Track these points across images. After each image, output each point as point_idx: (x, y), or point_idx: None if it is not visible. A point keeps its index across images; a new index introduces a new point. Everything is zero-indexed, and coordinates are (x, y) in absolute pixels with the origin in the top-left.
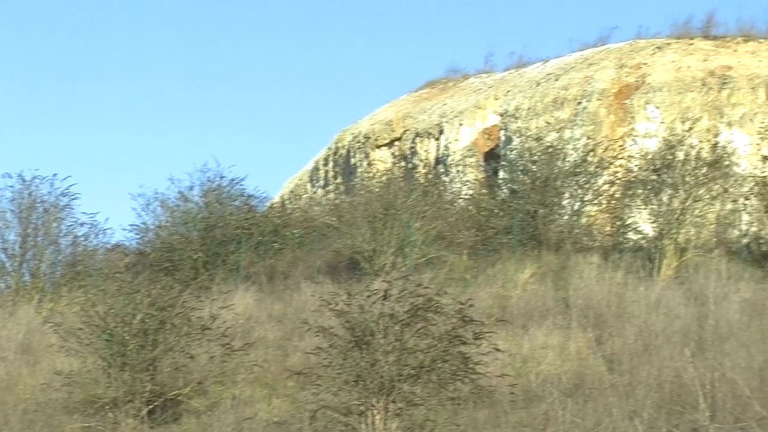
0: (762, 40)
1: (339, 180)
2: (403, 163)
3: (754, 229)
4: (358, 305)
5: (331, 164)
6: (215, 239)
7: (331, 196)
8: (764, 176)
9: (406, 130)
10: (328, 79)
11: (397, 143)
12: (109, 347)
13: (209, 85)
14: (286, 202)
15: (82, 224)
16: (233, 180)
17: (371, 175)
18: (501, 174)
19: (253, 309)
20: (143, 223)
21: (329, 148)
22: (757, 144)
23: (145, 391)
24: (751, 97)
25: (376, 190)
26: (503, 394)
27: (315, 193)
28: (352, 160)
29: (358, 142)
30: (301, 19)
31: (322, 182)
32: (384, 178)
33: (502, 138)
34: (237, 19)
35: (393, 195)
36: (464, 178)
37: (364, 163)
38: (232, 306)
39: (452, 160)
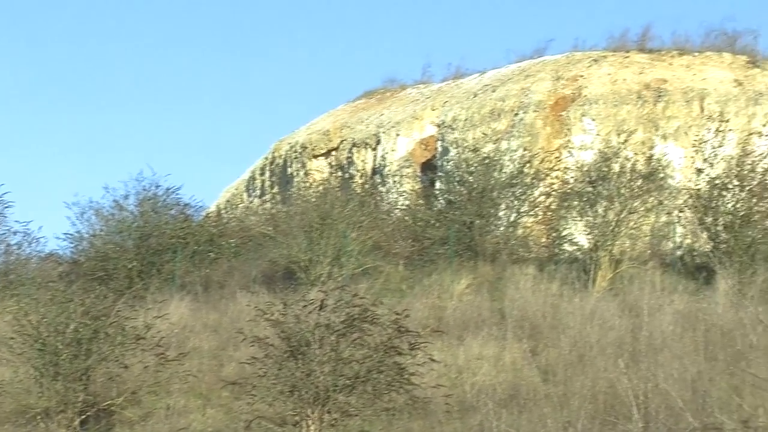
0: (697, 54)
1: (276, 190)
2: (340, 173)
3: (687, 241)
4: (293, 315)
5: (267, 174)
6: (150, 248)
7: (268, 205)
8: (698, 189)
9: (343, 140)
10: (266, 89)
11: (334, 153)
12: (42, 357)
13: (146, 93)
14: (223, 211)
15: (15, 233)
16: (169, 189)
17: (308, 184)
18: (438, 185)
19: (188, 318)
20: (77, 232)
21: (266, 158)
22: (692, 157)
23: (77, 401)
24: (686, 111)
25: (313, 199)
26: (438, 405)
27: (251, 202)
28: (289, 170)
29: (295, 151)
30: (240, 27)
31: (258, 192)
32: (321, 188)
33: (439, 149)
34: (176, 26)
35: (330, 205)
36: (401, 189)
37: (301, 173)
38: (166, 315)
39: (389, 170)
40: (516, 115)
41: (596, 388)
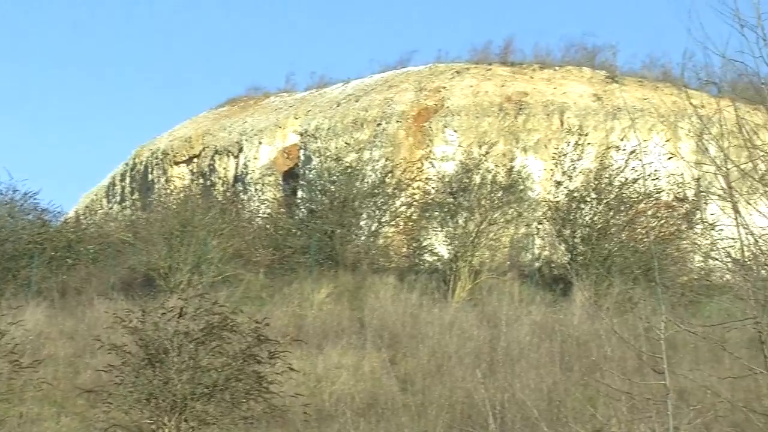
0: (557, 68)
1: (136, 196)
2: (201, 181)
3: (546, 253)
4: (152, 323)
5: (128, 180)
6: (6, 253)
7: (128, 212)
8: (557, 201)
9: (205, 147)
10: (128, 95)
11: (195, 160)
12: None
13: (4, 96)
14: (82, 217)
15: None
16: (26, 194)
17: (169, 191)
18: (300, 193)
19: (44, 325)
20: None
21: (126, 164)
22: (551, 169)
23: None
24: (546, 124)
25: (174, 206)
26: (296, 414)
27: (111, 208)
28: (150, 177)
29: (157, 158)
30: (103, 31)
31: (118, 198)
32: (182, 194)
33: (302, 157)
34: (35, 27)
35: (190, 212)
36: (263, 197)
37: (162, 180)
38: (21, 322)
39: (251, 178)
40: (379, 125)
41: (454, 398)
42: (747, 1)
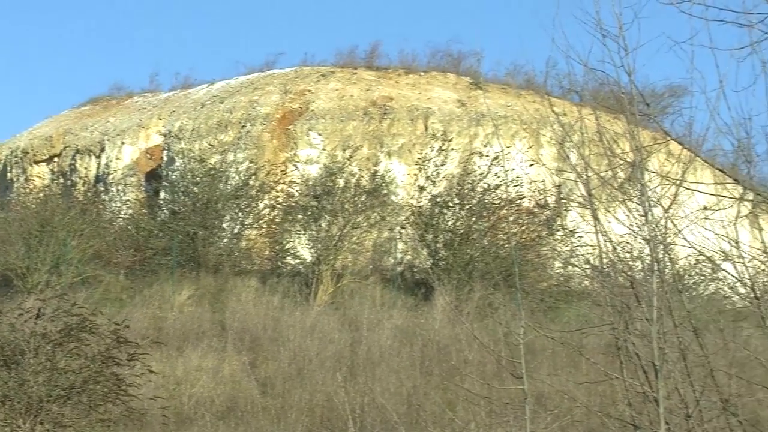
0: (422, 74)
1: None
2: (62, 180)
3: (408, 257)
4: (8, 324)
5: None
6: None
7: None
8: (420, 206)
9: (66, 147)
10: None
11: (56, 159)
12: None
13: None
14: None
15: None
16: None
17: (28, 191)
18: (162, 194)
19: None
20: None
21: None
22: (415, 174)
23: None
24: (411, 129)
25: (33, 206)
26: (155, 417)
27: None
28: (9, 175)
29: (16, 156)
30: None
31: None
32: (41, 194)
33: (165, 158)
34: None
35: (50, 212)
36: (124, 198)
37: (22, 179)
38: None
39: (113, 178)
40: (243, 127)
41: (314, 402)
42: (609, 12)
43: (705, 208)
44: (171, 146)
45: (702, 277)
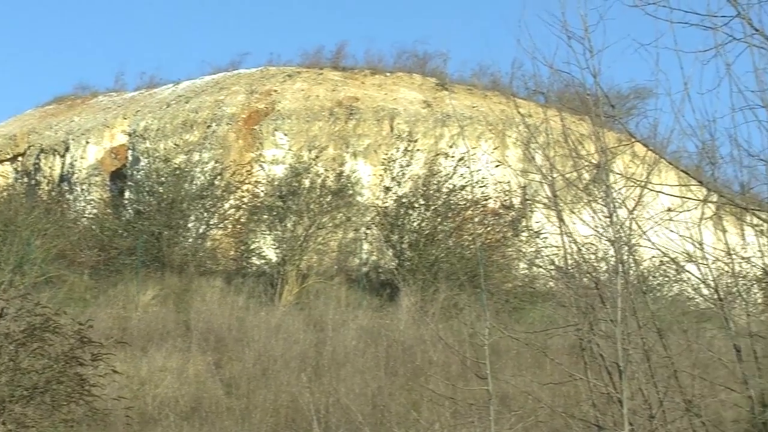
0: (389, 74)
1: None
2: (26, 180)
3: (374, 258)
4: None
5: None
6: None
7: None
8: (385, 207)
9: (30, 146)
10: None
11: (20, 159)
12: None
13: None
14: None
15: None
16: None
17: None
18: (127, 194)
19: None
20: None
21: None
22: (380, 175)
23: None
24: (376, 129)
25: None
26: (119, 417)
27: None
28: None
29: None
30: None
31: None
32: (5, 193)
33: (130, 158)
34: None
35: (14, 211)
36: (89, 197)
37: None
38: None
39: (77, 178)
40: (209, 127)
41: (278, 402)
42: (574, 14)
43: (669, 210)
44: (136, 146)
45: (666, 279)
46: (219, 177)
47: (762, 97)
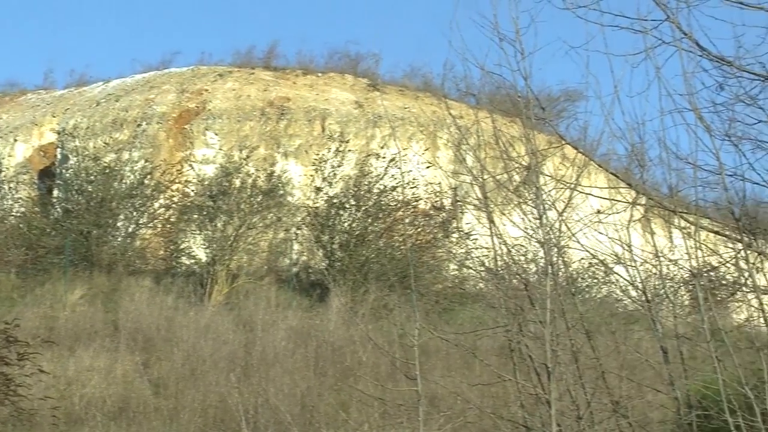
0: (320, 75)
1: None
2: None
3: (304, 258)
4: None
5: None
6: None
7: None
8: (316, 207)
9: None
10: None
11: None
12: None
13: None
14: None
15: None
16: None
17: None
18: (56, 193)
19: None
20: None
21: None
22: (311, 175)
23: None
24: (308, 129)
25: None
26: (45, 417)
27: None
28: None
29: None
30: None
31: None
32: None
33: (59, 156)
34: None
35: None
36: (17, 195)
37: None
38: None
39: (5, 176)
40: (139, 125)
41: (207, 402)
42: (506, 16)
43: (598, 212)
44: (65, 144)
45: (595, 280)
46: (149, 176)
47: (690, 101)
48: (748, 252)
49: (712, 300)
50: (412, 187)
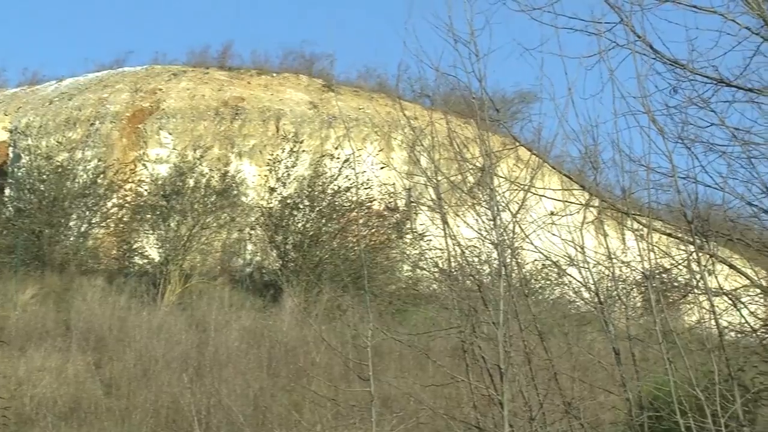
0: (275, 75)
1: None
2: None
3: (257, 258)
4: None
5: None
6: None
7: None
8: (270, 207)
9: None
10: None
11: None
12: None
13: None
14: None
15: None
16: None
17: None
18: (7, 192)
19: None
20: None
21: None
22: (265, 175)
23: None
24: (262, 130)
25: None
26: None
27: None
28: None
29: None
30: None
31: None
32: None
33: (11, 155)
34: None
35: None
36: None
37: None
38: None
39: None
40: (92, 124)
41: (159, 403)
42: (461, 17)
43: (552, 214)
44: (17, 143)
45: (548, 282)
46: (102, 175)
47: (643, 103)
48: (700, 254)
49: (664, 302)
50: (366, 188)
